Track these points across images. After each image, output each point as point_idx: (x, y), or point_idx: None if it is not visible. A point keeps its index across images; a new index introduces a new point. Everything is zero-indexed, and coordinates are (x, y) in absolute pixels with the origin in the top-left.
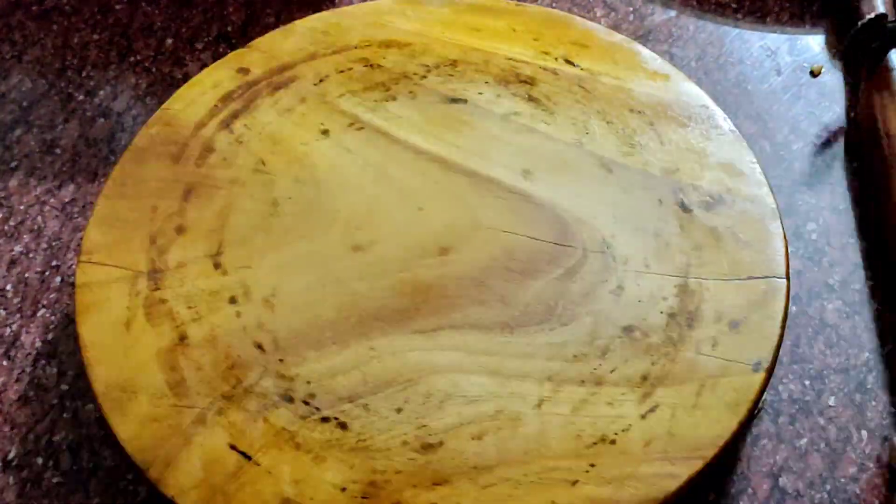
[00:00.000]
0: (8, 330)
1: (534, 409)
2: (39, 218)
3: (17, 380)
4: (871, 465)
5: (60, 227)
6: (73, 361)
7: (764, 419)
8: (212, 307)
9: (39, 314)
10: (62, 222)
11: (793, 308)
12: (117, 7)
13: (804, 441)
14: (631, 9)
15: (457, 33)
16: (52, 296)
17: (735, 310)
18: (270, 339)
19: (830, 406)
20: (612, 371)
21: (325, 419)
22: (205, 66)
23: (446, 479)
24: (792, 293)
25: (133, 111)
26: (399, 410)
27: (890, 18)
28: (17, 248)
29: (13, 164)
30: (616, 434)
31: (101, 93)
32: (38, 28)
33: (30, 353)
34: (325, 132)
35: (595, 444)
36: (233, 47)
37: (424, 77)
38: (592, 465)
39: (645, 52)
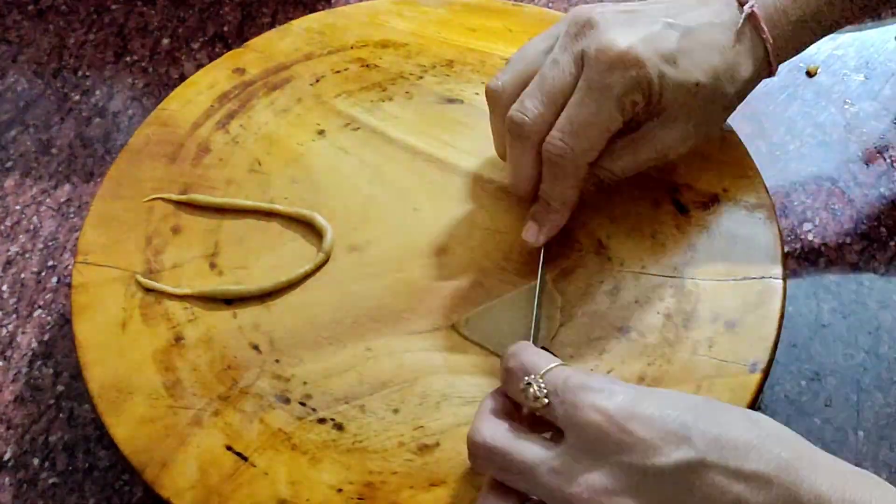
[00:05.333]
0: (4, 330)
1: None
2: (35, 218)
3: (13, 380)
4: (868, 465)
5: (56, 227)
6: (69, 362)
7: None
8: (208, 308)
9: (35, 314)
10: (58, 222)
11: (789, 308)
12: (113, 7)
13: None
14: None
15: (453, 33)
16: (48, 296)
17: (731, 310)
18: (266, 340)
19: (826, 407)
20: (608, 371)
21: (321, 420)
22: (201, 66)
23: (443, 480)
24: (788, 293)
25: (129, 111)
26: (395, 411)
27: None
28: (13, 249)
29: (9, 164)
30: None
31: (97, 93)
32: (33, 28)
33: (26, 354)
34: (321, 132)
35: None
36: (229, 47)
37: (420, 77)
38: None
39: None
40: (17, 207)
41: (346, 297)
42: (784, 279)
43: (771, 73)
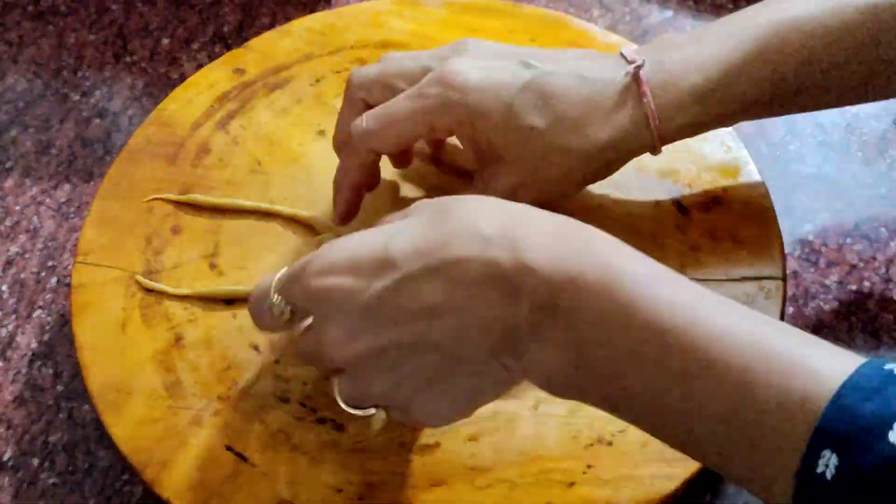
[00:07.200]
0: (4, 331)
1: (530, 410)
2: (35, 218)
3: (13, 381)
4: None
5: (56, 227)
6: (68, 362)
7: None
8: (208, 308)
9: (35, 315)
10: (58, 223)
11: (789, 308)
12: (113, 7)
13: None
14: (627, 9)
15: (453, 34)
16: (47, 296)
17: None
18: (266, 340)
19: None
20: None
21: (321, 420)
22: (201, 66)
23: (443, 481)
24: (788, 294)
25: (129, 111)
26: None
27: None
28: (13, 249)
29: (9, 165)
30: (613, 435)
31: (97, 93)
32: (33, 28)
33: (25, 354)
34: (322, 132)
35: (592, 445)
36: (229, 48)
37: None
38: (590, 467)
39: None
40: (17, 208)
41: None
42: (784, 279)
43: (654, 149)
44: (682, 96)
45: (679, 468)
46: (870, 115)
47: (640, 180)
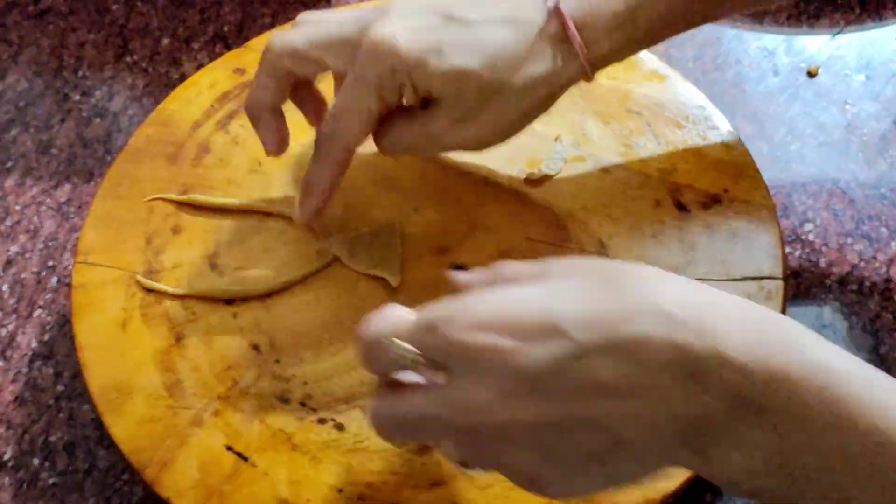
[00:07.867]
0: (4, 331)
1: None
2: (35, 218)
3: (14, 380)
4: None
5: (56, 227)
6: (69, 362)
7: None
8: (208, 308)
9: (35, 315)
10: (58, 222)
11: (789, 309)
12: (113, 7)
13: None
14: None
15: None
16: (48, 296)
17: None
18: (267, 340)
19: None
20: None
21: (321, 420)
22: (201, 66)
23: (443, 481)
24: (788, 294)
25: (129, 111)
26: None
27: None
28: (14, 249)
29: (9, 165)
30: None
31: (98, 93)
32: (34, 28)
33: (26, 354)
34: None
35: None
36: (229, 47)
37: None
38: None
39: (642, 52)
40: (17, 207)
41: (347, 297)
42: (784, 279)
43: (587, 76)
44: (605, 24)
45: (679, 468)
46: (870, 115)
47: (641, 179)
